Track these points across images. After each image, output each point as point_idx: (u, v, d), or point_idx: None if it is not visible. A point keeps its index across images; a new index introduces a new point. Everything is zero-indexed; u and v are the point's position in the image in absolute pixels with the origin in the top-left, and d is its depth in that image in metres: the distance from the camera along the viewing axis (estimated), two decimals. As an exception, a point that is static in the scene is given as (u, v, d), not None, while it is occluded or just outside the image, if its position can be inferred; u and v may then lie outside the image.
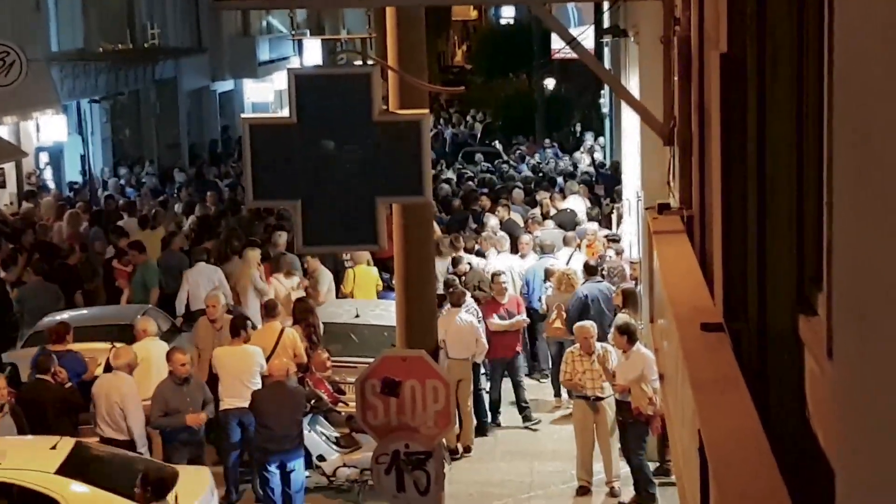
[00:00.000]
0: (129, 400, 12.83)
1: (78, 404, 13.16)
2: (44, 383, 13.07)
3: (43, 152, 29.05)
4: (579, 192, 24.43)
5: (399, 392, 7.98)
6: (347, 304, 17.42)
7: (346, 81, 7.27)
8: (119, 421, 12.81)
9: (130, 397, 12.85)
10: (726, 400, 4.06)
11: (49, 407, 12.91)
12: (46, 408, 12.90)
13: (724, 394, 4.11)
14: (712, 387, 4.19)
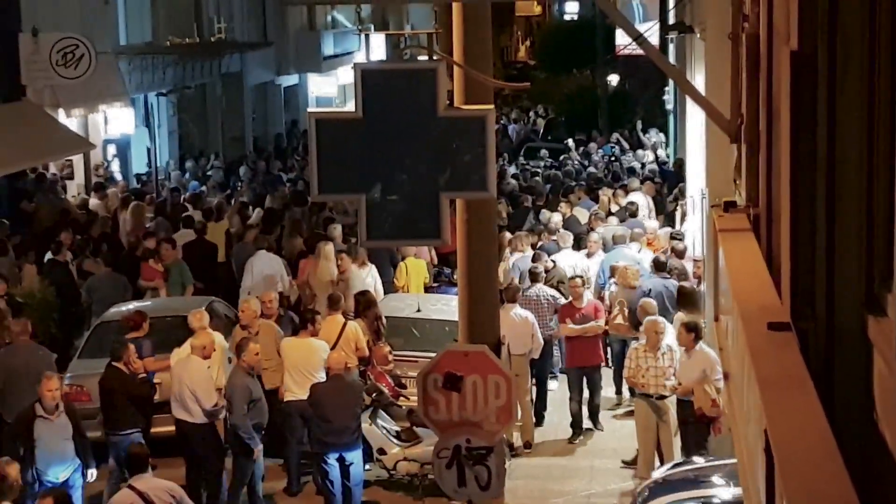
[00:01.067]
0: (199, 384, 12.96)
1: (146, 396, 13.29)
2: (117, 371, 13.21)
3: (110, 144, 29.38)
4: (642, 188, 24.30)
5: (461, 387, 8.00)
6: (409, 298, 17.47)
7: (411, 76, 7.27)
8: (190, 404, 12.93)
9: (200, 381, 12.99)
10: (793, 399, 4.03)
11: (118, 396, 13.09)
12: (116, 397, 13.10)
13: (791, 393, 4.07)
14: (779, 386, 4.16)
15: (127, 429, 13.00)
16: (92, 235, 20.81)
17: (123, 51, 28.74)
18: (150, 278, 18.19)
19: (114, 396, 13.11)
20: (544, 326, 15.91)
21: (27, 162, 23.30)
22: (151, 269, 18.27)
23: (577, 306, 15.65)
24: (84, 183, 26.92)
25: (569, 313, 15.66)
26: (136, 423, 13.11)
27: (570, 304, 15.77)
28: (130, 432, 12.93)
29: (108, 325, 15.67)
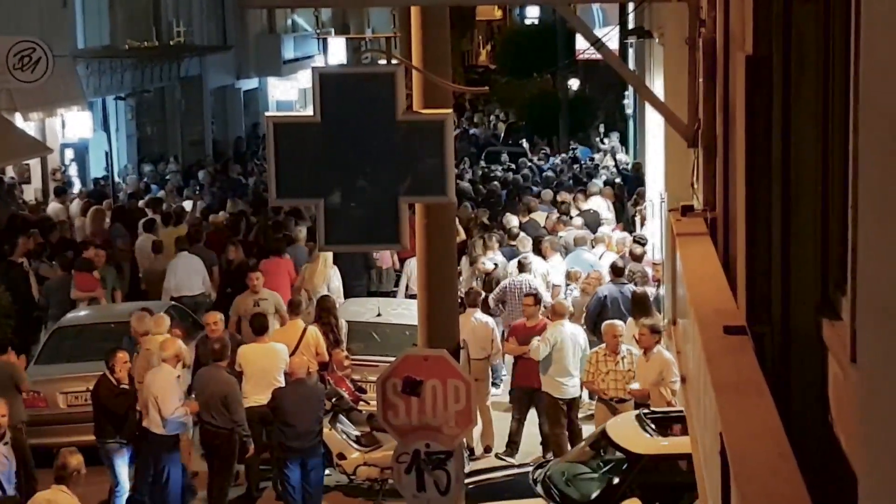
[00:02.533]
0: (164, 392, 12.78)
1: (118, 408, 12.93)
2: (105, 381, 12.97)
3: (68, 148, 29.18)
4: (601, 192, 24.40)
5: (420, 391, 7.98)
6: (370, 302, 17.44)
7: (370, 80, 7.26)
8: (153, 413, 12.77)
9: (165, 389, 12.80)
10: (748, 403, 4.05)
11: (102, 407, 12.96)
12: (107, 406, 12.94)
13: (747, 397, 4.09)
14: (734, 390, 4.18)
15: (115, 438, 12.85)
16: (50, 240, 20.64)
17: (81, 54, 28.56)
18: (89, 288, 17.71)
19: (99, 407, 12.96)
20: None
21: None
22: (88, 278, 17.79)
23: (527, 325, 14.84)
24: (41, 187, 26.72)
25: (516, 332, 14.95)
26: (118, 434, 12.90)
27: (521, 323, 15.01)
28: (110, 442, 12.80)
29: (66, 330, 15.56)
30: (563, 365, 14.28)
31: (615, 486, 11.06)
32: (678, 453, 11.14)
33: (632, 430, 11.65)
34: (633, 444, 11.42)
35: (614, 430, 11.76)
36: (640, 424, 11.71)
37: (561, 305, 14.93)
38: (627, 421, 12.02)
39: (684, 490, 11.36)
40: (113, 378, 12.89)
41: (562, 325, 14.49)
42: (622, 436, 11.60)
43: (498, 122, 48.20)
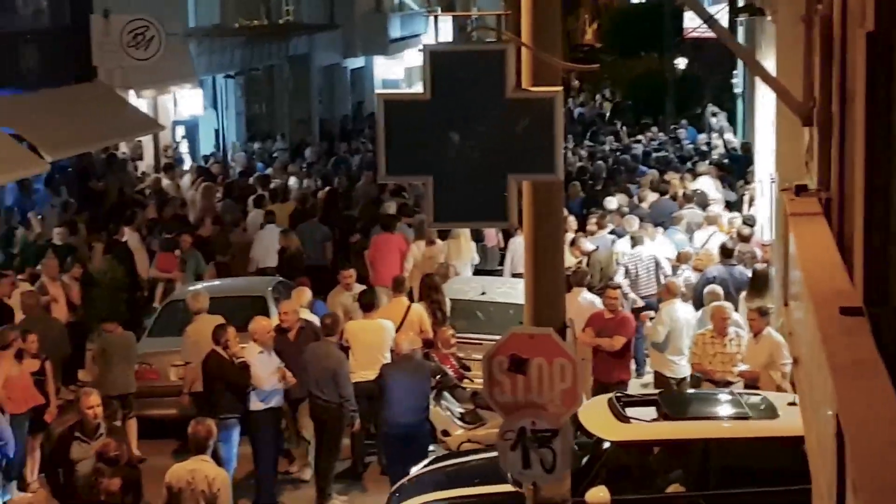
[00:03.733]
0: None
1: (241, 383, 12.96)
2: (216, 356, 13.04)
3: (179, 126, 29.66)
4: (710, 173, 24.12)
5: (526, 369, 7.98)
6: (474, 281, 17.51)
7: (480, 58, 7.25)
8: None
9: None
10: (865, 385, 3.98)
11: (217, 382, 13.00)
12: (215, 382, 13.01)
13: (863, 378, 4.02)
14: (851, 371, 4.11)
15: (227, 414, 12.86)
16: (163, 216, 21.04)
17: (192, 32, 28.97)
18: (167, 269, 18.10)
19: (213, 382, 13.03)
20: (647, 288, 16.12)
21: (98, 142, 23.63)
22: (170, 258, 18.18)
23: (605, 316, 14.41)
24: (153, 164, 27.22)
25: (594, 322, 14.45)
26: (236, 408, 12.97)
27: (600, 313, 14.57)
28: (228, 418, 12.81)
29: (177, 304, 15.85)
30: (676, 344, 14.19)
31: (583, 473, 10.70)
32: (648, 439, 10.92)
33: (602, 415, 11.41)
34: (601, 429, 11.17)
35: (584, 414, 11.38)
36: (610, 409, 11.45)
37: (674, 285, 14.83)
38: (599, 405, 11.70)
39: (654, 476, 11.19)
40: (226, 353, 13.04)
41: (674, 305, 14.40)
42: (591, 421, 11.30)
43: (604, 101, 47.85)
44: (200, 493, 10.09)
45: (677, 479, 11.05)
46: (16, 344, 13.15)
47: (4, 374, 12.96)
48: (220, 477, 10.19)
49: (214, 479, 10.12)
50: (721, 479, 10.94)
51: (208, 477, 10.12)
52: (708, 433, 11.18)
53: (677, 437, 11.23)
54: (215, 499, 10.09)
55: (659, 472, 11.20)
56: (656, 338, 14.28)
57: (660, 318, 14.36)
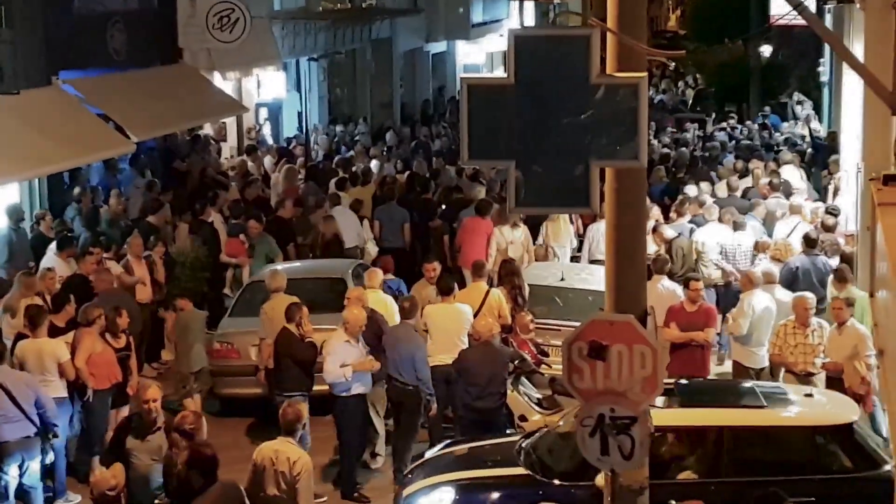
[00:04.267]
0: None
1: (307, 361, 13.21)
2: (287, 333, 13.28)
3: (263, 108, 29.88)
4: (793, 162, 23.80)
5: (606, 356, 7.95)
6: (553, 267, 17.47)
7: (564, 43, 7.21)
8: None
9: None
10: (954, 378, 3.92)
11: (285, 358, 13.26)
12: (283, 358, 13.28)
13: (952, 372, 3.97)
14: (939, 364, 4.06)
15: (292, 391, 13.07)
16: (246, 197, 21.24)
17: (277, 16, 29.15)
18: (234, 254, 18.15)
19: (282, 358, 13.30)
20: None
21: (183, 123, 23.89)
22: (236, 244, 18.20)
23: (687, 309, 14.25)
24: (237, 145, 27.47)
25: (675, 316, 14.22)
26: (302, 385, 13.20)
27: (679, 306, 14.37)
28: (293, 394, 12.95)
29: (259, 284, 15.99)
30: (757, 335, 14.06)
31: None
32: (664, 425, 10.70)
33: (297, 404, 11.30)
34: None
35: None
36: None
37: (754, 275, 14.68)
38: None
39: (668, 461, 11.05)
40: (297, 331, 13.21)
41: (755, 295, 14.27)
42: None
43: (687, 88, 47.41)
44: (281, 473, 10.18)
45: (689, 467, 11.02)
46: (100, 321, 13.37)
47: (88, 350, 13.19)
48: (302, 460, 10.23)
49: (296, 462, 10.17)
50: (734, 467, 10.91)
51: (290, 459, 10.19)
52: (719, 421, 11.14)
53: (689, 424, 11.23)
54: (296, 481, 10.15)
55: (671, 458, 11.14)
56: (739, 331, 14.18)
57: (741, 311, 14.23)
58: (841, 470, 10.87)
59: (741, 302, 14.42)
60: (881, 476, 10.68)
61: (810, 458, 10.97)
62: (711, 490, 10.80)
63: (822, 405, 11.55)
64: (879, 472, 10.78)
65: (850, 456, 10.97)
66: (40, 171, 17.94)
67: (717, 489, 10.80)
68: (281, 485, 10.18)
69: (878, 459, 10.94)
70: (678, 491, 10.69)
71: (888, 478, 10.57)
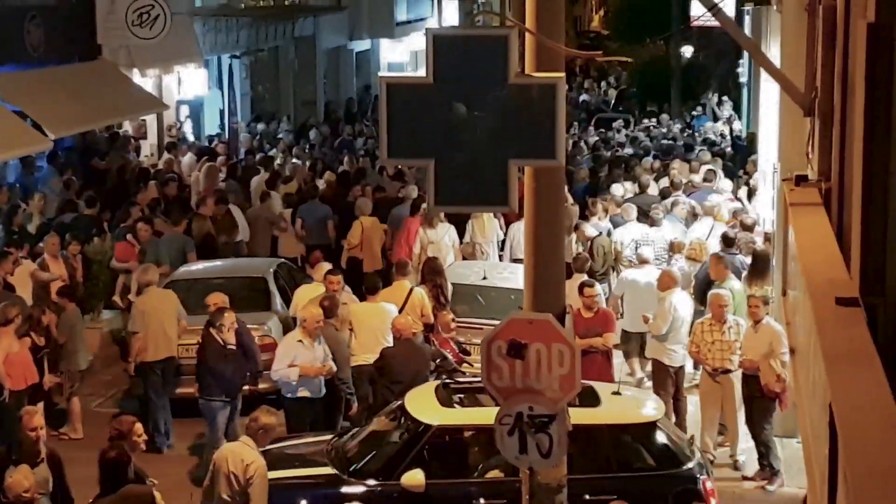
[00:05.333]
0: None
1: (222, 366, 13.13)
2: (208, 338, 13.21)
3: (184, 105, 29.60)
4: (713, 162, 24.09)
5: (525, 355, 7.99)
6: (476, 265, 17.51)
7: (483, 42, 7.24)
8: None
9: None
10: (859, 375, 4.00)
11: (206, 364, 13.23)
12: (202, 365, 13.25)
13: (857, 368, 4.04)
14: (845, 361, 4.13)
15: (212, 396, 13.09)
16: (166, 194, 21.04)
17: (198, 12, 28.91)
18: (125, 258, 17.66)
19: (200, 363, 13.25)
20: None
21: (102, 120, 23.59)
22: (127, 248, 17.69)
23: (584, 315, 14.01)
24: (157, 143, 27.18)
25: (574, 324, 13.82)
26: (222, 392, 13.14)
27: (577, 312, 14.01)
28: (214, 400, 13.03)
29: (178, 283, 15.85)
30: (675, 333, 14.21)
31: (401, 456, 10.82)
32: (467, 424, 10.87)
33: (427, 400, 11.47)
34: (423, 413, 11.19)
35: (411, 399, 11.49)
36: (436, 394, 11.51)
37: (673, 274, 14.83)
38: (427, 391, 11.74)
39: (475, 461, 11.14)
40: (219, 337, 13.10)
41: (674, 295, 14.41)
42: (415, 405, 11.37)
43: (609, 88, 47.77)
44: (234, 475, 10.01)
45: (497, 465, 11.06)
46: (17, 321, 13.18)
47: (5, 350, 13.00)
48: (255, 463, 10.05)
49: (249, 465, 10.02)
50: None
51: (245, 461, 10.04)
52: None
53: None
54: (249, 485, 10.00)
55: (479, 458, 11.21)
56: (658, 331, 14.32)
57: (661, 311, 14.37)
58: (644, 467, 11.01)
59: (661, 301, 14.56)
60: (683, 474, 10.90)
61: (614, 456, 11.07)
62: (516, 488, 10.94)
63: (628, 404, 11.62)
64: (681, 469, 10.99)
65: (653, 454, 11.14)
66: (-46, 168, 17.63)
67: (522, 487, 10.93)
68: (234, 486, 10.03)
69: (681, 457, 11.13)
70: (485, 490, 10.82)
71: (690, 475, 10.83)
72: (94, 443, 13.18)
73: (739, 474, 13.50)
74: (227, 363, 13.07)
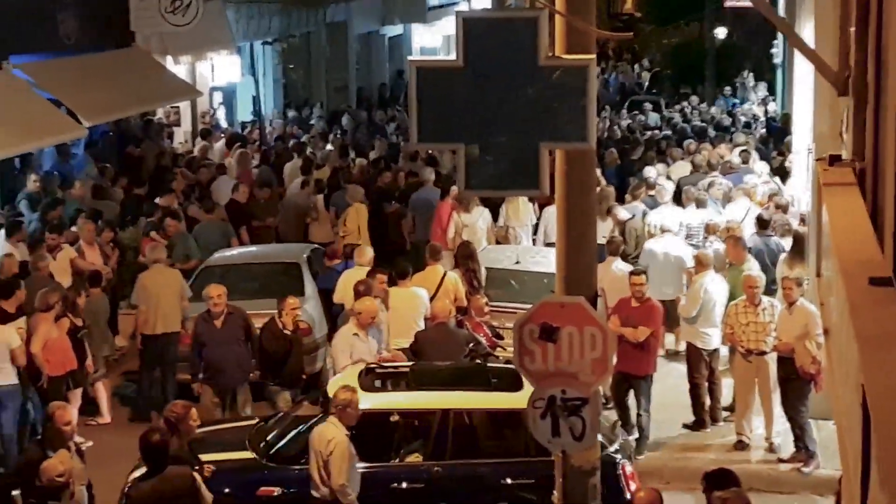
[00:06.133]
0: None
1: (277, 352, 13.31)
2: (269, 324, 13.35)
3: (217, 92, 29.70)
4: (747, 143, 23.94)
5: (557, 338, 7.98)
6: (508, 249, 17.50)
7: (513, 25, 7.23)
8: None
9: None
10: (892, 355, 3.96)
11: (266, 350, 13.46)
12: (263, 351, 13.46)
13: (890, 349, 4.00)
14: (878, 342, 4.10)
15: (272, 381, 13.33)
16: (200, 181, 21.13)
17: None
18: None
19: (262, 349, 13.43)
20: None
21: (136, 108, 23.68)
22: (154, 242, 17.32)
23: (630, 304, 13.51)
24: (191, 130, 27.29)
25: (620, 309, 13.58)
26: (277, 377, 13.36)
27: (627, 300, 13.63)
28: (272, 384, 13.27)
29: (213, 269, 15.93)
30: (708, 316, 14.14)
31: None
32: (388, 408, 10.77)
33: (349, 385, 11.33)
34: None
35: (333, 384, 11.45)
36: (358, 379, 11.47)
37: (706, 256, 14.76)
38: (350, 376, 11.70)
39: (398, 444, 11.14)
40: (279, 321, 13.20)
41: (706, 276, 14.34)
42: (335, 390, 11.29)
43: (642, 70, 47.54)
44: (318, 452, 10.09)
45: (416, 449, 11.11)
46: (57, 307, 13.29)
47: (44, 336, 13.10)
48: (335, 440, 10.06)
49: (330, 442, 10.05)
50: (457, 449, 11.00)
51: (326, 438, 10.08)
52: (443, 404, 11.18)
53: (414, 407, 11.30)
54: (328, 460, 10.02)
55: (397, 442, 11.21)
56: (687, 314, 14.26)
57: (691, 293, 14.31)
58: None
59: (693, 284, 14.50)
60: (604, 457, 10.68)
61: (532, 441, 11.02)
62: (435, 471, 10.96)
63: None
64: (603, 453, 10.87)
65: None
66: (-10, 156, 17.74)
67: (442, 471, 10.94)
68: (319, 461, 10.10)
69: (602, 441, 10.96)
70: (404, 473, 10.86)
71: (611, 460, 10.77)
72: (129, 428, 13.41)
73: (775, 457, 13.44)
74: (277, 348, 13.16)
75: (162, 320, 14.72)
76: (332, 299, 15.11)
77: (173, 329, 14.81)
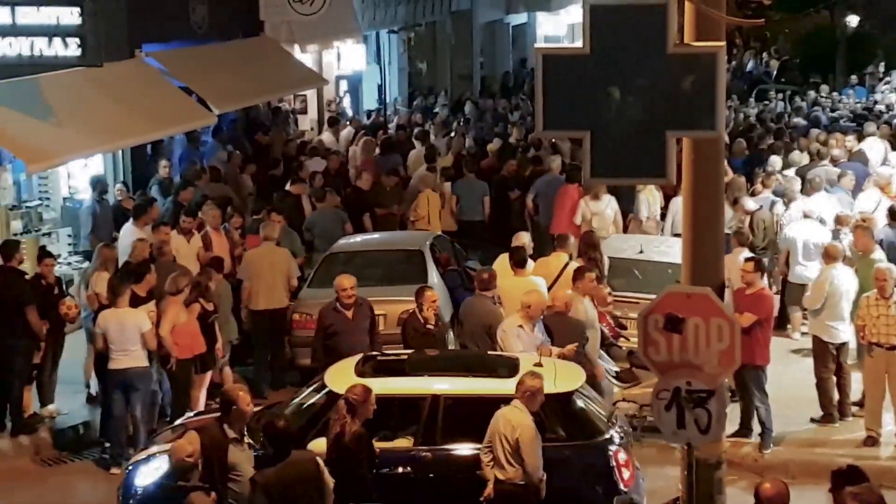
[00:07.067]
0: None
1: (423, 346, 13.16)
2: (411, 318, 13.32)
3: (342, 80, 29.98)
4: (877, 134, 23.35)
5: (682, 329, 7.88)
6: (632, 239, 17.36)
7: (641, 12, 7.15)
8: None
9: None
10: None
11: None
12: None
13: None
14: None
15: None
16: (329, 168, 21.36)
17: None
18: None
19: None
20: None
21: (264, 96, 24.05)
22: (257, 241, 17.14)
23: (745, 292, 13.24)
24: (317, 118, 27.60)
25: (735, 297, 13.24)
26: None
27: (742, 288, 13.37)
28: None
29: (336, 256, 16.10)
30: (835, 309, 13.86)
31: (311, 424, 10.82)
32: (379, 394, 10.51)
33: (345, 372, 11.42)
34: (335, 383, 11.12)
35: (331, 370, 11.62)
36: (355, 367, 11.51)
37: (835, 248, 14.45)
38: (349, 364, 11.74)
39: (384, 429, 11.01)
40: (421, 316, 13.15)
41: (834, 269, 14.05)
42: (332, 376, 11.42)
43: (770, 59, 46.69)
44: (503, 436, 10.15)
45: (404, 434, 11.06)
46: (186, 291, 13.54)
47: (173, 320, 13.36)
48: (522, 425, 10.11)
49: (516, 427, 10.12)
50: (448, 434, 10.96)
51: (512, 423, 10.16)
52: (434, 390, 11.15)
53: (404, 393, 11.27)
54: (517, 445, 10.09)
55: (387, 426, 11.14)
56: (812, 306, 13.99)
57: (816, 285, 14.02)
58: (556, 438, 10.81)
59: (819, 275, 14.22)
60: (596, 444, 10.83)
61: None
62: (423, 457, 10.95)
63: (545, 375, 11.16)
64: (595, 440, 10.90)
65: (567, 424, 10.98)
66: (123, 143, 18.15)
67: (433, 456, 10.93)
68: (505, 446, 10.18)
69: (595, 429, 11.03)
70: (393, 458, 10.81)
71: (602, 446, 10.75)
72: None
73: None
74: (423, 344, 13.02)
75: (266, 296, 15.12)
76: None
77: (278, 306, 15.17)
